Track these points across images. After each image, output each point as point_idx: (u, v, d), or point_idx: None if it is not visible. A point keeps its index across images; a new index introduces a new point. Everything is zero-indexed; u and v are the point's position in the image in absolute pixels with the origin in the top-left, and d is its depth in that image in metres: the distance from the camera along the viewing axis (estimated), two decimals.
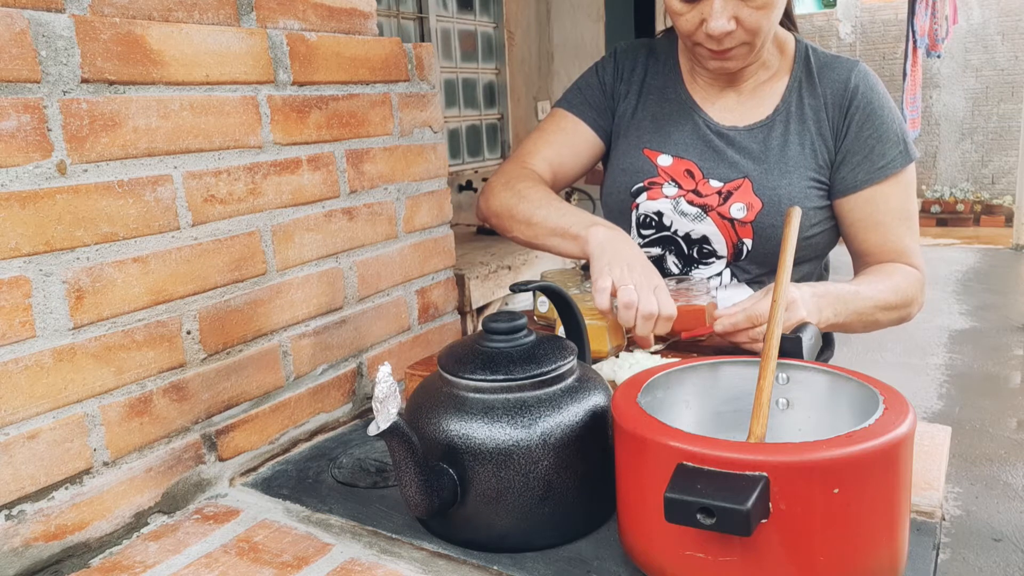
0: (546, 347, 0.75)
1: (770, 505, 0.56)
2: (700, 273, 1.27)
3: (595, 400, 0.74)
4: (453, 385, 0.73)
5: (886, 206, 1.20)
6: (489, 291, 2.74)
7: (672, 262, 1.29)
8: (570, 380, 0.74)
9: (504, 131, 4.50)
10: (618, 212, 1.32)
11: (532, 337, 0.76)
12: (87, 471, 0.78)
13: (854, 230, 1.23)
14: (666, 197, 1.25)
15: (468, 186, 3.83)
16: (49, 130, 0.73)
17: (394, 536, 0.77)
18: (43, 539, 0.74)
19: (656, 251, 1.29)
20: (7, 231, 0.70)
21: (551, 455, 0.69)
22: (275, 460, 0.96)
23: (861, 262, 1.25)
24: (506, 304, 2.92)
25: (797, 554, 0.58)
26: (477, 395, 0.72)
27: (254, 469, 0.94)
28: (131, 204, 0.80)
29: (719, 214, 1.22)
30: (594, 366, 0.88)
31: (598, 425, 0.73)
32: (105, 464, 0.79)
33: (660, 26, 6.76)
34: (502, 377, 0.71)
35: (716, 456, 0.58)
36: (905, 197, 1.21)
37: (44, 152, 0.72)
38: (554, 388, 0.73)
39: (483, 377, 0.72)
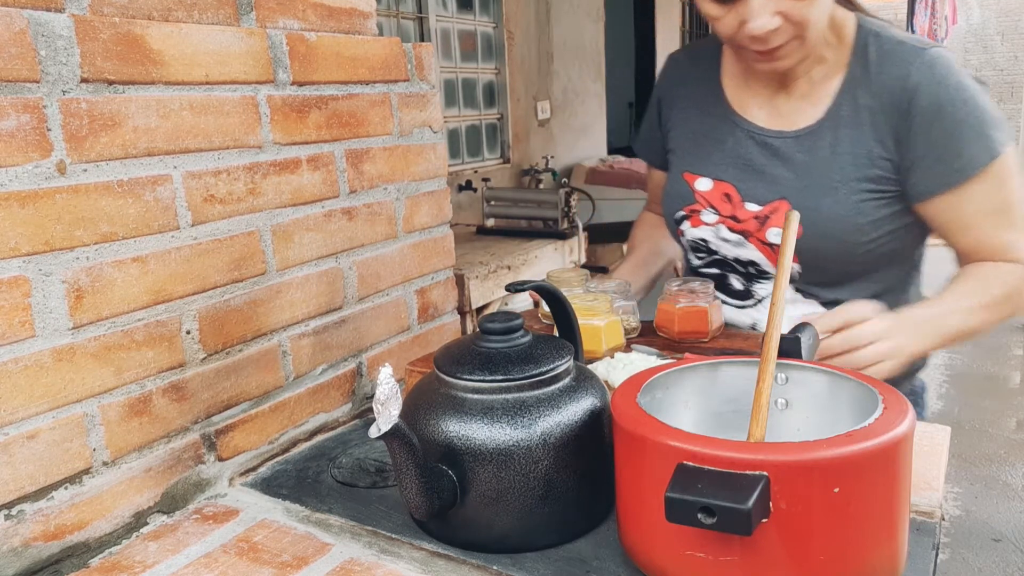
0: (543, 347, 0.75)
1: (770, 504, 0.56)
2: (765, 288, 1.20)
3: (593, 400, 0.74)
4: (451, 386, 0.73)
5: (972, 207, 1.06)
6: (488, 291, 2.74)
7: (734, 279, 1.23)
8: (568, 380, 0.74)
9: (504, 131, 4.51)
10: (673, 236, 1.30)
11: (529, 337, 0.76)
12: (87, 471, 0.78)
13: (943, 232, 1.11)
14: (706, 224, 1.20)
15: (468, 186, 3.83)
16: (49, 130, 0.73)
17: (394, 536, 0.77)
18: (42, 539, 0.74)
19: (715, 271, 1.24)
20: (7, 231, 0.70)
21: (551, 455, 0.69)
22: (275, 460, 0.96)
23: (961, 261, 1.13)
24: (506, 304, 2.92)
25: (797, 553, 0.58)
26: (476, 396, 0.72)
27: (254, 469, 0.94)
28: (131, 204, 0.80)
29: (759, 240, 1.15)
30: (588, 366, 0.88)
31: (597, 424, 0.73)
32: (105, 464, 0.79)
33: (660, 26, 6.76)
34: (501, 377, 0.71)
35: (717, 456, 0.58)
36: (997, 192, 1.06)
37: (44, 152, 0.72)
38: (552, 388, 0.73)
39: (482, 378, 0.72)
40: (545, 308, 1.27)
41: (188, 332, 0.86)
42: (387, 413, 0.63)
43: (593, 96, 5.54)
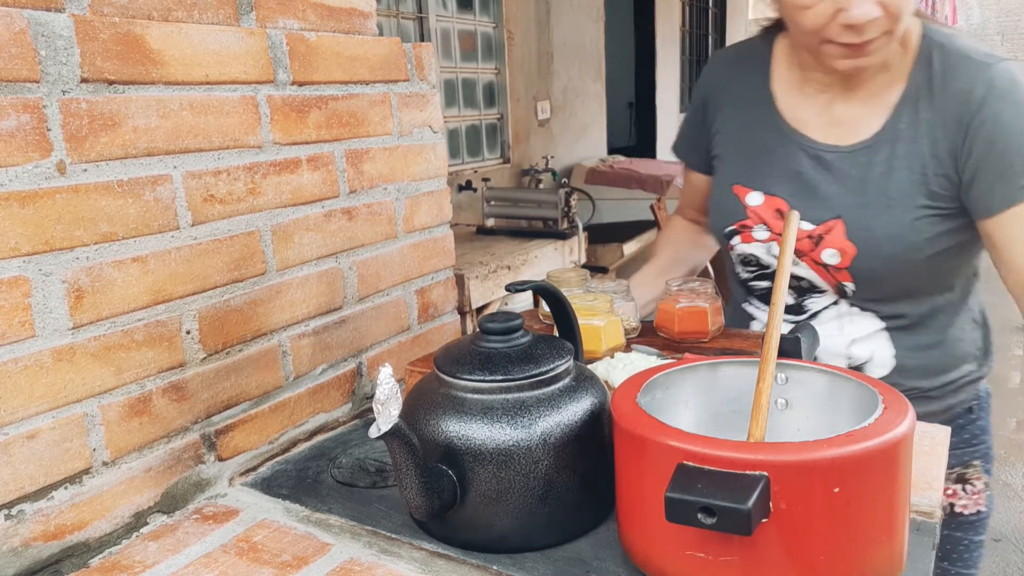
0: (543, 347, 0.75)
1: (770, 504, 0.56)
2: (818, 302, 1.15)
3: (593, 400, 0.74)
4: (451, 386, 0.73)
5: None
6: (488, 291, 2.74)
7: (787, 293, 1.16)
8: (568, 380, 0.74)
9: (503, 131, 4.51)
10: (721, 248, 1.25)
11: (529, 337, 0.76)
12: (86, 471, 0.78)
13: (1001, 250, 1.04)
14: (757, 241, 1.15)
15: (468, 186, 3.83)
16: (48, 130, 0.73)
17: (393, 536, 0.77)
18: (42, 539, 0.74)
19: (765, 284, 1.20)
20: (7, 231, 0.70)
21: (551, 455, 0.69)
22: (275, 460, 0.96)
23: (1015, 280, 1.05)
24: (506, 304, 2.92)
25: (797, 553, 0.58)
26: (476, 396, 0.72)
27: (253, 469, 0.94)
28: (131, 204, 0.80)
29: (812, 259, 1.10)
30: (588, 366, 0.88)
31: (597, 424, 0.73)
32: (104, 464, 0.79)
33: (660, 26, 6.76)
34: (501, 377, 0.71)
35: (717, 456, 0.58)
36: None
37: (44, 152, 0.72)
38: (552, 388, 0.73)
39: (481, 378, 0.72)
40: (545, 308, 1.27)
41: (188, 332, 0.86)
42: (387, 413, 0.63)
43: (593, 96, 5.54)
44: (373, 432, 0.63)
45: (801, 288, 1.15)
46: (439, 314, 1.26)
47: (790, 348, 0.86)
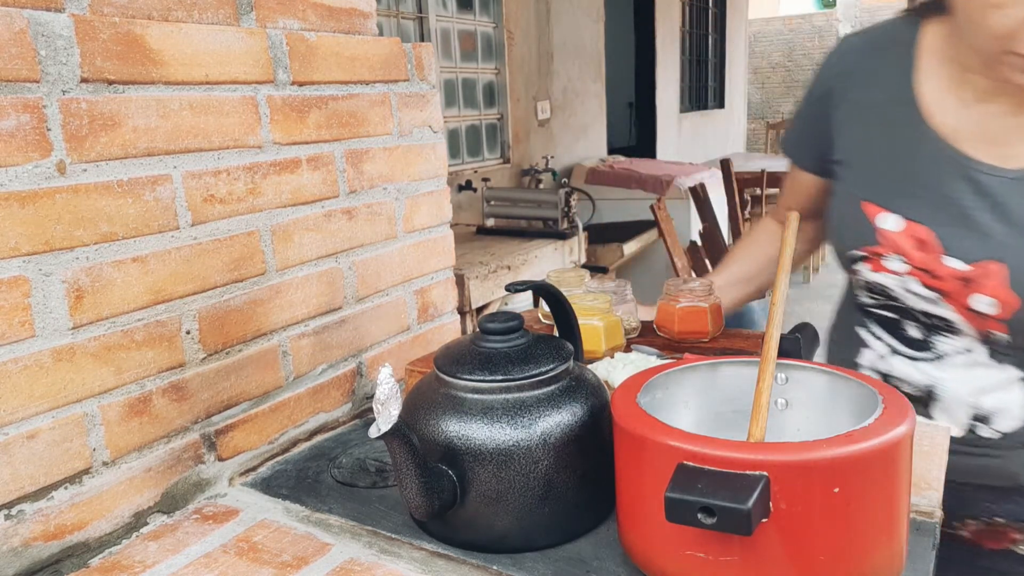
0: (543, 347, 0.75)
1: (770, 504, 0.56)
2: (949, 344, 0.98)
3: (593, 399, 0.74)
4: (451, 386, 0.73)
5: None
6: (488, 291, 2.74)
7: (911, 326, 1.01)
8: (568, 380, 0.74)
9: (503, 131, 4.51)
10: (842, 267, 1.07)
11: (528, 337, 0.76)
12: (86, 471, 0.78)
13: None
14: (890, 273, 0.97)
15: (468, 186, 3.83)
16: (48, 130, 0.73)
17: (394, 536, 0.77)
18: (42, 539, 0.74)
19: (890, 315, 1.03)
20: (6, 231, 0.70)
21: (551, 455, 0.69)
22: (274, 460, 0.96)
23: None
24: (506, 304, 2.92)
25: (797, 553, 0.58)
26: (476, 396, 0.72)
27: (253, 469, 0.94)
28: (130, 204, 0.80)
29: (960, 304, 0.93)
30: (589, 366, 0.88)
31: (597, 424, 0.73)
32: (104, 464, 0.79)
33: (660, 26, 6.76)
34: (501, 377, 0.71)
35: (717, 456, 0.58)
36: None
37: (43, 152, 0.72)
38: (552, 388, 0.73)
39: (481, 378, 0.72)
40: (545, 308, 1.27)
41: (188, 332, 0.86)
42: (387, 413, 0.63)
43: (593, 96, 5.54)
44: (373, 432, 0.63)
45: (934, 325, 0.98)
46: (439, 314, 1.26)
47: (790, 348, 0.86)
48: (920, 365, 1.01)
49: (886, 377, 1.04)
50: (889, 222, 0.96)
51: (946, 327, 0.97)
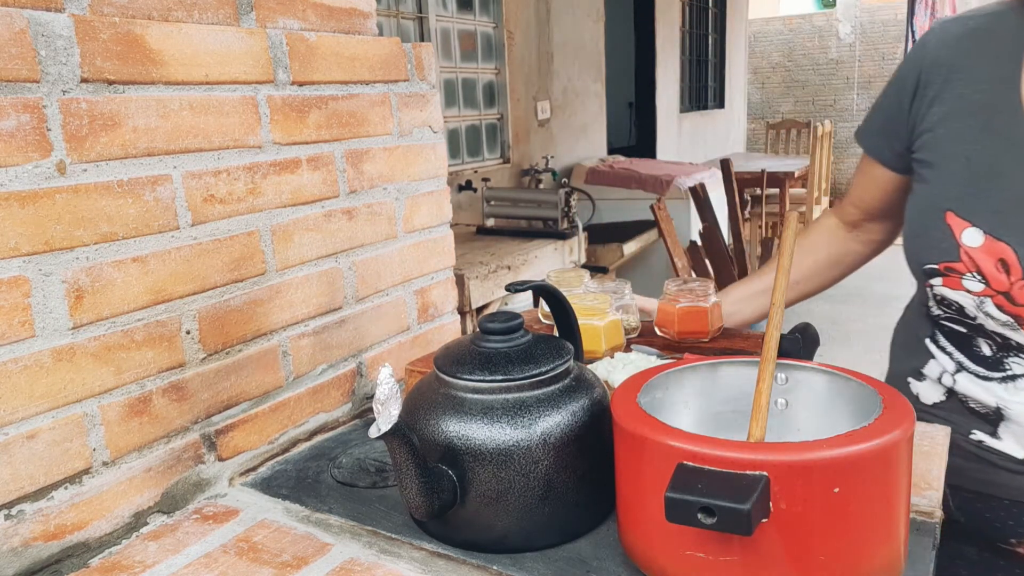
0: (543, 347, 0.75)
1: (770, 504, 0.56)
2: (1021, 365, 0.93)
3: (593, 399, 0.74)
4: (451, 386, 0.73)
5: None
6: (488, 291, 2.74)
7: (984, 343, 0.96)
8: (568, 380, 0.74)
9: (504, 131, 4.50)
10: (914, 275, 1.00)
11: (529, 337, 0.76)
12: (86, 471, 0.78)
13: None
14: (967, 292, 0.91)
15: (468, 186, 3.83)
16: (48, 130, 0.73)
17: (394, 536, 0.77)
18: (42, 539, 0.74)
19: (961, 330, 0.98)
20: (6, 231, 0.70)
21: (551, 455, 0.69)
22: (275, 460, 0.96)
23: None
24: (506, 304, 2.92)
25: (797, 554, 0.58)
26: (476, 396, 0.72)
27: (253, 469, 0.94)
28: (131, 204, 0.80)
29: None
30: (589, 366, 0.88)
31: (597, 424, 0.73)
32: (104, 464, 0.79)
33: (660, 26, 6.76)
34: (501, 377, 0.71)
35: (717, 456, 0.58)
36: None
37: (43, 152, 0.72)
38: (553, 388, 0.73)
39: (481, 378, 0.72)
40: (545, 308, 1.27)
41: (188, 332, 0.86)
42: (387, 413, 0.63)
43: (593, 96, 5.54)
44: (373, 432, 0.63)
45: (1008, 345, 0.93)
46: (439, 314, 1.26)
47: (790, 348, 0.86)
48: (989, 385, 0.96)
49: (951, 392, 1.01)
50: (971, 237, 0.88)
51: (1021, 349, 0.92)
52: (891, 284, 1.22)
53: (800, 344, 0.89)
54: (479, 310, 2.75)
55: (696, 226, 4.15)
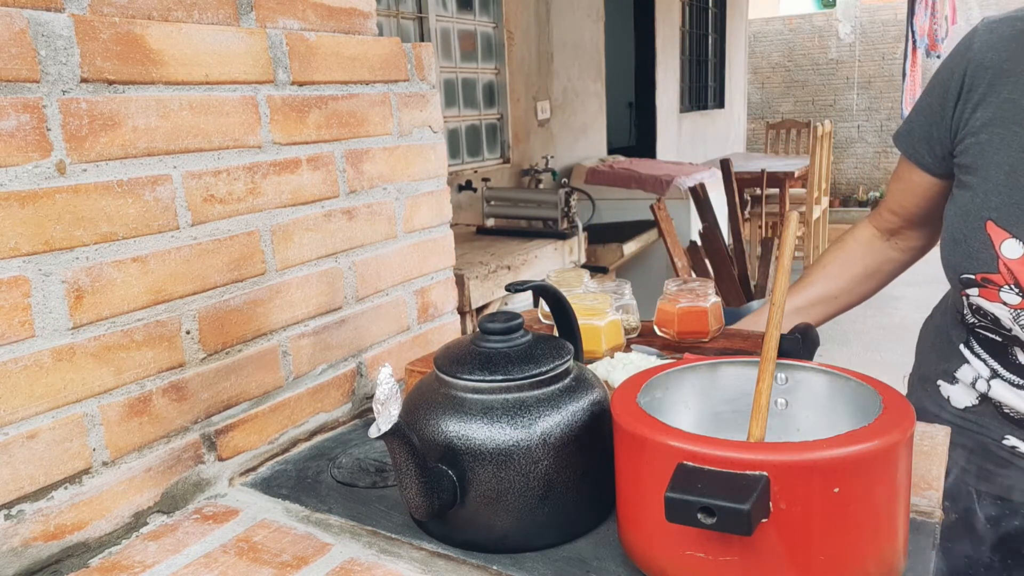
0: (543, 347, 0.75)
1: (770, 504, 0.56)
2: None
3: (593, 399, 0.74)
4: (451, 386, 0.73)
5: None
6: (488, 291, 2.74)
7: (1021, 353, 0.94)
8: (568, 380, 0.74)
9: (503, 131, 4.50)
10: (950, 282, 0.99)
11: (529, 337, 0.76)
12: (86, 471, 0.78)
13: None
14: (1004, 304, 0.89)
15: (468, 186, 3.83)
16: (48, 130, 0.73)
17: (393, 536, 0.77)
18: (42, 539, 0.74)
19: (996, 339, 0.97)
20: (6, 231, 0.70)
21: (551, 455, 0.69)
22: (274, 460, 0.96)
23: None
24: (506, 304, 2.92)
25: (797, 554, 0.58)
26: (476, 396, 0.72)
27: (253, 469, 0.94)
28: (130, 204, 0.80)
29: None
30: (589, 366, 0.88)
31: (597, 424, 0.73)
32: (104, 464, 0.79)
33: (660, 26, 6.76)
34: (501, 377, 0.71)
35: (717, 456, 0.58)
36: None
37: (43, 152, 0.72)
38: (552, 388, 0.73)
39: (481, 378, 0.72)
40: (545, 308, 1.27)
41: (188, 332, 0.86)
42: (387, 413, 0.63)
43: (593, 96, 5.54)
44: (373, 432, 0.63)
45: None
46: (439, 314, 1.26)
47: (790, 348, 0.86)
48: None
49: (985, 398, 1.00)
50: (1011, 249, 0.86)
51: None
52: (890, 284, 1.22)
53: (800, 344, 0.89)
54: (479, 310, 2.75)
55: (696, 226, 4.15)
